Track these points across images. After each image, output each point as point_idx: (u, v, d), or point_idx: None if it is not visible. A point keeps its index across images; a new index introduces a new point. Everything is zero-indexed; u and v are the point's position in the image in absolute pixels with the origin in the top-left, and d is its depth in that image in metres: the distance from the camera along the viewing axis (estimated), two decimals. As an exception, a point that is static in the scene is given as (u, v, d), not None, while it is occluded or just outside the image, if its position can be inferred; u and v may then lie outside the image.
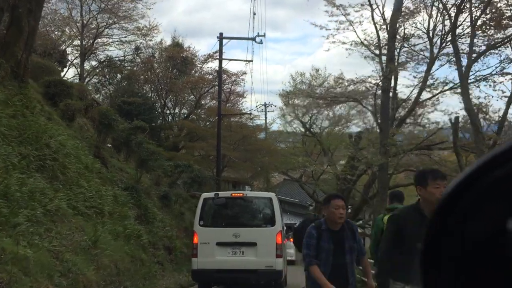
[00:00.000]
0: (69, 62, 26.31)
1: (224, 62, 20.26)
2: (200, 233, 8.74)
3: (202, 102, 28.03)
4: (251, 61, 21.44)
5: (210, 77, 26.33)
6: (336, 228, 4.00)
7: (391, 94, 14.79)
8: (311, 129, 23.89)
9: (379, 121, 13.77)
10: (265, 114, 36.03)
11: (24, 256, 4.56)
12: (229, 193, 10.10)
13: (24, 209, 5.90)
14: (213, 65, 25.82)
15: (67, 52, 26.74)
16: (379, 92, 14.66)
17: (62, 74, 22.88)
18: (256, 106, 33.66)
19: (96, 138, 13.70)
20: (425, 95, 16.45)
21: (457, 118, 12.56)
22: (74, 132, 13.33)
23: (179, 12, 63.51)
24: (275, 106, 35.75)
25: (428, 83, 15.89)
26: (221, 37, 19.74)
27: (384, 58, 14.48)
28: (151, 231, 11.87)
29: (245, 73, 27.34)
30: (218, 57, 20.45)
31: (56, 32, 25.97)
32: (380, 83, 13.51)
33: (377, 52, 14.01)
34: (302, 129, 26.11)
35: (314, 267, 3.92)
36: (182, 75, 25.73)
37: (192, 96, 27.49)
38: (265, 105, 36.58)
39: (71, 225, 7.27)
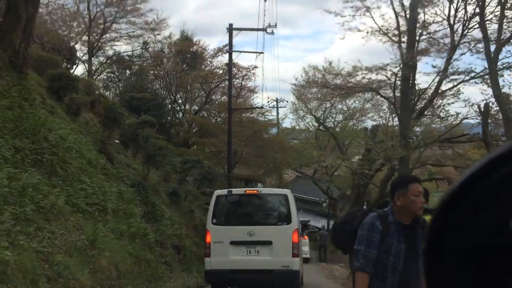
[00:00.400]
0: (78, 59, 25.99)
1: (234, 55, 19.55)
2: (213, 232, 8.38)
3: (213, 98, 27.45)
4: (262, 52, 20.76)
5: (220, 71, 25.70)
6: (407, 222, 2.97)
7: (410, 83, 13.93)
8: (325, 124, 23.07)
9: (398, 111, 12.94)
10: (277, 110, 35.35)
11: (2, 259, 3.93)
12: (243, 190, 9.54)
13: (11, 205, 5.28)
14: (223, 59, 25.20)
15: (76, 49, 26.50)
16: (397, 83, 13.79)
17: (72, 71, 22.47)
18: (268, 102, 32.99)
19: (102, 133, 13.13)
20: (444, 86, 15.55)
21: (487, 105, 11.62)
22: (78, 126, 12.80)
23: (190, 11, 63.12)
24: (287, 101, 35.11)
25: (448, 72, 14.96)
26: (230, 28, 19.05)
27: (403, 46, 13.60)
28: (158, 229, 11.27)
29: (256, 67, 26.61)
30: (228, 50, 19.74)
31: (63, 28, 25.64)
32: (399, 71, 12.66)
33: (395, 39, 13.15)
34: (315, 124, 25.35)
35: (363, 276, 2.87)
36: (192, 70, 25.14)
37: (202, 92, 26.94)
38: (276, 100, 35.94)
39: (67, 223, 6.67)
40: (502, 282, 0.56)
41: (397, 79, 13.00)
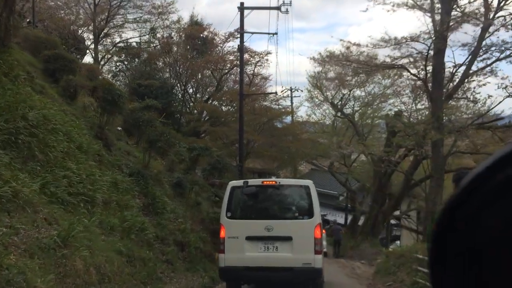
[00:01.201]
0: (86, 48, 24.95)
1: (246, 37, 18.14)
2: (227, 227, 7.78)
3: (224, 87, 26.17)
4: (276, 33, 19.30)
5: (232, 57, 24.35)
6: None
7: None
8: (343, 110, 21.53)
9: (430, 90, 11.42)
10: (291, 99, 34.00)
11: None
12: (260, 181, 8.61)
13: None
14: (235, 44, 23.79)
15: (84, 38, 25.48)
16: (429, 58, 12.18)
17: (81, 61, 21.47)
18: (282, 91, 31.54)
19: (99, 117, 11.94)
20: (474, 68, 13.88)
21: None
22: (74, 110, 11.62)
23: (203, 6, 61.69)
24: (301, 90, 33.70)
25: (483, 46, 13.34)
26: (242, 7, 17.68)
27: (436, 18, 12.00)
28: (159, 223, 10.05)
29: (269, 53, 25.20)
30: (239, 31, 18.36)
31: (70, 15, 24.60)
32: (432, 44, 11.11)
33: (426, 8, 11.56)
34: (332, 112, 23.84)
35: None
36: (202, 56, 23.83)
37: (213, 81, 25.64)
38: (291, 89, 34.60)
39: (36, 216, 5.44)
40: (507, 283, 0.56)
41: (430, 52, 11.45)
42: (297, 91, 35.34)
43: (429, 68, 11.81)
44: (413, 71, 12.64)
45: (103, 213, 7.82)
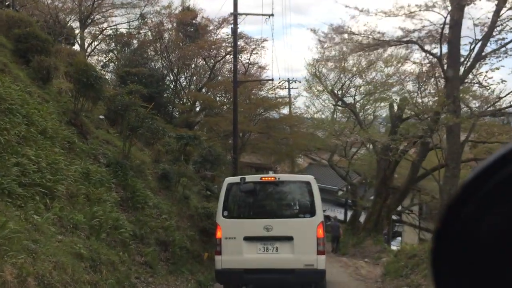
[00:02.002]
0: (74, 37, 23.58)
1: (240, 22, 16.85)
2: (224, 226, 7.35)
3: (219, 78, 24.87)
4: (272, 15, 17.99)
5: (226, 44, 23.02)
6: None
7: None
8: (343, 99, 20.25)
9: (445, 68, 10.19)
10: (289, 91, 32.80)
11: None
12: (258, 177, 8.11)
13: None
14: (229, 30, 22.45)
15: (73, 28, 24.12)
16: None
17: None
18: (279, 82, 30.28)
19: (74, 102, 10.66)
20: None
21: None
22: (45, 94, 10.34)
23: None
24: (299, 81, 32.52)
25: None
26: (235, -14, 16.39)
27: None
28: (139, 220, 8.81)
29: (265, 40, 23.91)
30: (232, 13, 17.07)
31: (56, 2, 23.21)
32: (447, 15, 9.87)
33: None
34: (332, 102, 22.60)
35: None
36: (194, 44, 22.51)
37: (207, 72, 24.30)
38: (288, 81, 33.41)
39: (-41, 211, 4.18)
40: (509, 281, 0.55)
41: (445, 24, 10.19)
42: (295, 82, 34.16)
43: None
44: (426, 47, 11.43)
45: (66, 208, 6.58)
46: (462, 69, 13.30)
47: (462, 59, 12.33)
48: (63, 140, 8.53)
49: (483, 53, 12.94)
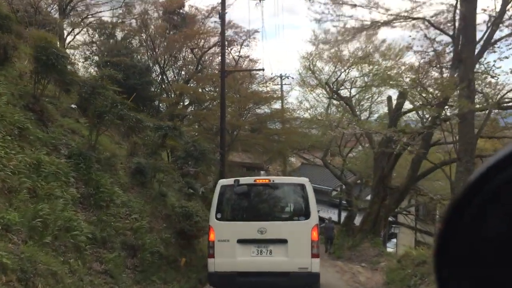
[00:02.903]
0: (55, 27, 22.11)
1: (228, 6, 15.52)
2: (217, 229, 7.30)
3: (208, 71, 23.54)
4: (263, -2, 16.63)
5: (214, 36, 21.70)
6: None
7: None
8: (339, 92, 18.99)
9: (459, 47, 8.98)
10: (281, 87, 31.64)
11: None
12: (252, 179, 7.89)
13: None
14: (218, 20, 21.13)
15: (56, 19, 22.67)
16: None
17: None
18: (271, 79, 29.05)
19: (34, 85, 9.30)
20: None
21: None
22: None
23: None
24: (292, 77, 31.40)
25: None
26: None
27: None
28: (101, 220, 7.48)
29: (256, 31, 22.65)
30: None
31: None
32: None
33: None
34: (326, 95, 21.39)
35: None
36: (180, 32, 21.17)
37: (193, 65, 22.94)
38: (281, 77, 32.28)
39: None
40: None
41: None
42: (287, 78, 33.04)
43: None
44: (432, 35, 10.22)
45: (-4, 205, 5.25)
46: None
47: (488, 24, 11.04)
48: (12, 126, 7.19)
49: (492, 40, 11.81)
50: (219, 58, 20.52)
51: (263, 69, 18.74)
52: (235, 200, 7.52)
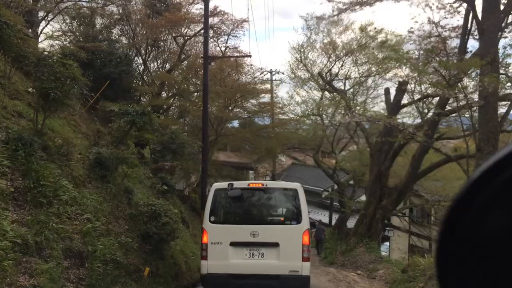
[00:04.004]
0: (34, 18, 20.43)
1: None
2: (210, 231, 7.35)
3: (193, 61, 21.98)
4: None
5: (200, 25, 20.18)
6: None
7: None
8: (332, 83, 17.55)
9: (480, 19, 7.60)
10: (271, 83, 30.36)
11: None
12: (246, 183, 8.23)
13: None
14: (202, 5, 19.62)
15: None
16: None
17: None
18: (260, 74, 27.67)
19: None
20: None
21: None
22: None
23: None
24: (282, 73, 30.25)
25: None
26: None
27: None
28: (38, 221, 5.93)
29: (245, 20, 21.14)
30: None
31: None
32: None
33: None
34: (317, 87, 20.02)
35: None
36: (162, 17, 19.61)
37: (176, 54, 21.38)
38: (270, 72, 31.05)
39: None
40: None
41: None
42: (278, 73, 31.85)
43: None
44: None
45: None
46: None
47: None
48: None
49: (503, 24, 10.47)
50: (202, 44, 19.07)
51: (250, 55, 17.28)
52: (228, 204, 7.63)
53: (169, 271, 8.33)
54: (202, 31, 18.82)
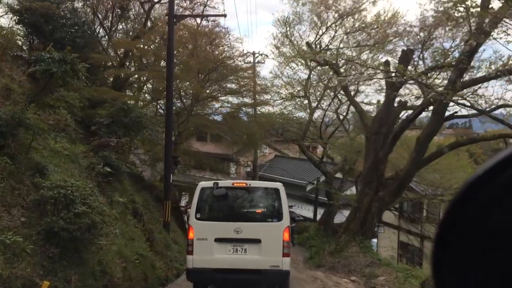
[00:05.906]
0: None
1: None
2: (196, 228, 7.69)
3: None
4: None
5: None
6: None
7: None
8: (321, 52, 15.18)
9: None
10: (254, 66, 27.92)
11: None
12: (230, 183, 8.64)
13: None
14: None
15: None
16: None
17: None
18: (243, 55, 25.11)
19: None
20: None
21: None
22: None
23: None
24: (266, 55, 27.78)
25: None
26: None
27: None
28: None
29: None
30: None
31: None
32: None
33: None
34: (303, 65, 17.67)
35: None
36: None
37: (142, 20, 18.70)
38: (253, 54, 28.62)
39: None
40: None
41: None
42: (261, 55, 29.43)
43: None
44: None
45: None
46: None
47: None
48: None
49: None
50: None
51: (224, 15, 14.68)
52: (214, 202, 7.94)
53: (92, 284, 5.79)
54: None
